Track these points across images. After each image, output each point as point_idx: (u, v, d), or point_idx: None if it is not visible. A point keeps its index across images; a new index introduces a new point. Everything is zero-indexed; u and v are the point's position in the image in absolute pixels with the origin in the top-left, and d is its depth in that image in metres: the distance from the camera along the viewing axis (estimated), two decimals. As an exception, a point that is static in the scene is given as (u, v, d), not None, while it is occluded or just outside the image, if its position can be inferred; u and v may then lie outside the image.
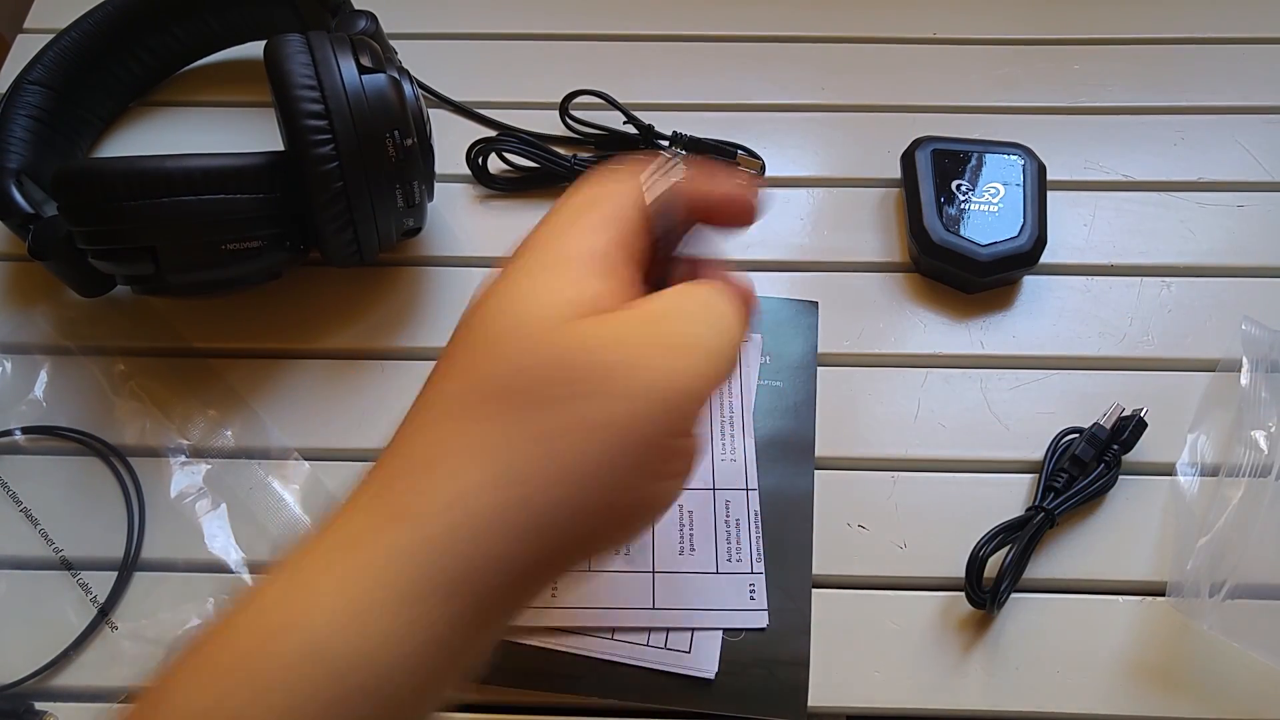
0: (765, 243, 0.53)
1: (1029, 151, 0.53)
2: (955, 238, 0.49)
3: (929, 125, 0.55)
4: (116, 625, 0.43)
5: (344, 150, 0.42)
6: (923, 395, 0.48)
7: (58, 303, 0.51)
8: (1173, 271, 0.52)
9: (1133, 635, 0.42)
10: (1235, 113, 0.57)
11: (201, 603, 0.43)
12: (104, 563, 0.44)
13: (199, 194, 0.42)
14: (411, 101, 0.45)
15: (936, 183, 0.51)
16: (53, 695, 0.41)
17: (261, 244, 0.44)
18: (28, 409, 0.48)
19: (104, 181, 0.41)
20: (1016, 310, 0.51)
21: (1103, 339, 0.50)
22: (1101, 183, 0.55)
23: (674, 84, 0.59)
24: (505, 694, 0.41)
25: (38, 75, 0.52)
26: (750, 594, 0.42)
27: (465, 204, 0.55)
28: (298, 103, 0.42)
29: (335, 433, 0.47)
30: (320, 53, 0.43)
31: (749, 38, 0.61)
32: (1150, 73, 0.59)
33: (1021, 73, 0.59)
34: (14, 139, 0.49)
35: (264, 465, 0.46)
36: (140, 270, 0.43)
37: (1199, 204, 0.54)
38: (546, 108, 0.57)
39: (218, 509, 0.45)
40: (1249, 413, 0.45)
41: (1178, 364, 0.49)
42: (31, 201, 0.47)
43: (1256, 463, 0.43)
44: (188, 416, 0.48)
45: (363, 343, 0.50)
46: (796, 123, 0.58)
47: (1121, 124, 0.57)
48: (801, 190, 0.55)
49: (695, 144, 0.54)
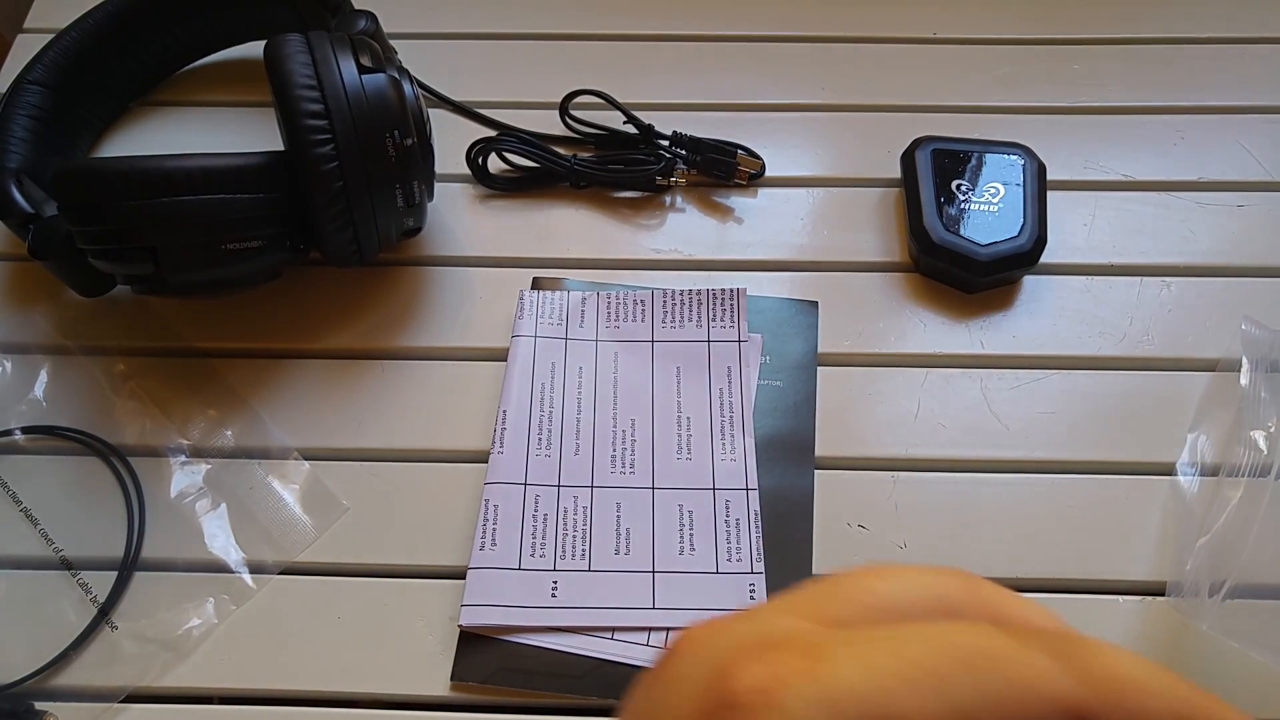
0: (765, 243, 0.53)
1: (1029, 151, 0.53)
2: (955, 237, 0.49)
3: (929, 125, 0.55)
4: (116, 625, 0.43)
5: (344, 150, 0.42)
6: (923, 395, 0.48)
7: (58, 302, 0.51)
8: (1173, 271, 0.52)
9: (1133, 635, 0.42)
10: (1235, 112, 0.57)
11: (201, 602, 0.43)
12: (104, 562, 0.44)
13: (199, 194, 0.42)
14: (411, 101, 0.45)
15: (936, 182, 0.51)
16: (53, 695, 0.41)
17: (261, 244, 0.44)
18: (28, 409, 0.48)
19: (104, 181, 0.41)
20: (1016, 310, 0.51)
21: (1103, 339, 0.50)
22: (1101, 182, 0.55)
23: (674, 84, 0.59)
24: (505, 694, 0.41)
25: (38, 75, 0.52)
26: (750, 594, 0.42)
27: (465, 204, 0.55)
28: (298, 102, 0.42)
29: (335, 432, 0.47)
30: (320, 52, 0.43)
31: (749, 38, 0.61)
32: (1150, 72, 0.59)
33: (1021, 72, 0.59)
34: (14, 139, 0.49)
35: (264, 465, 0.46)
36: (140, 270, 0.43)
37: (1199, 204, 0.54)
38: (546, 107, 0.57)
39: (218, 509, 0.45)
40: (1249, 413, 0.45)
41: (1178, 364, 0.49)
42: (31, 201, 0.47)
43: (1256, 463, 0.43)
44: (188, 416, 0.48)
45: (362, 342, 0.50)
46: (796, 123, 0.58)
47: (1121, 124, 0.57)
48: (801, 190, 0.55)
49: (695, 144, 0.54)
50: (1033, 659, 0.13)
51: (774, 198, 0.55)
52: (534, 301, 0.50)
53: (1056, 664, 0.13)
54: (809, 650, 0.13)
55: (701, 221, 0.54)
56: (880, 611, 0.15)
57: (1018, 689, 0.12)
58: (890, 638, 0.13)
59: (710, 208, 0.54)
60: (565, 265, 0.52)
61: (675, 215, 0.54)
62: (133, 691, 0.41)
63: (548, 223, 0.54)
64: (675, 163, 0.54)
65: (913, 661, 0.12)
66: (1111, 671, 0.13)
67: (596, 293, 0.50)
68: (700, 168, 0.54)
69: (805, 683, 0.12)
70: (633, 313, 0.50)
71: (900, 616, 0.15)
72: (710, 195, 0.55)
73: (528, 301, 0.50)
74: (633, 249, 0.53)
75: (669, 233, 0.53)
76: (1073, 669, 0.13)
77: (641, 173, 0.53)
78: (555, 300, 0.50)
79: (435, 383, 0.49)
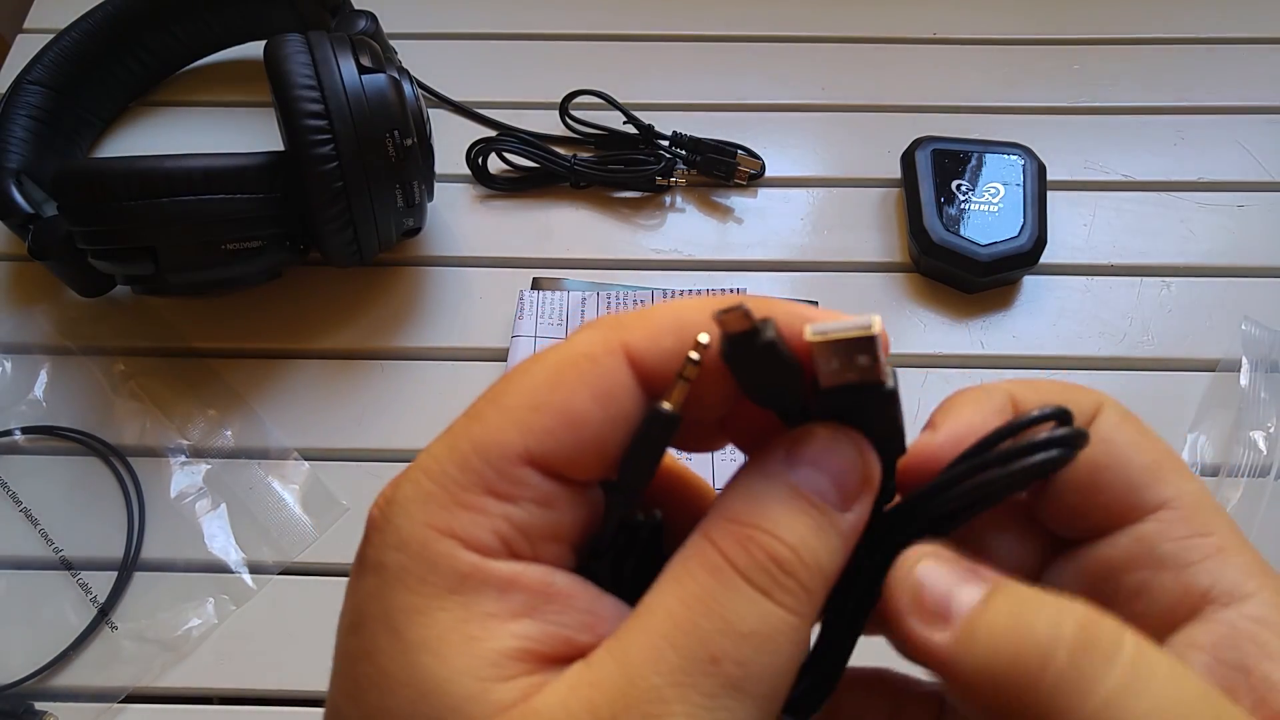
0: (765, 243, 0.53)
1: (1029, 151, 0.53)
2: (955, 238, 0.49)
3: (929, 125, 0.55)
4: (116, 625, 0.43)
5: (344, 150, 0.42)
6: (923, 395, 0.48)
7: (58, 303, 0.51)
8: (1173, 271, 0.52)
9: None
10: (1236, 113, 0.57)
11: (201, 603, 0.43)
12: (104, 562, 0.44)
13: (199, 194, 0.42)
14: (411, 101, 0.45)
15: (936, 183, 0.51)
16: (52, 695, 0.41)
17: (261, 244, 0.44)
18: (28, 409, 0.48)
19: (104, 181, 0.41)
20: (1016, 310, 0.51)
21: (1103, 339, 0.50)
22: (1102, 183, 0.55)
23: (674, 84, 0.59)
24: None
25: (38, 75, 0.52)
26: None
27: (465, 204, 0.55)
28: (298, 103, 0.42)
29: (335, 432, 0.47)
30: (320, 52, 0.43)
31: (749, 38, 0.61)
32: (1151, 72, 0.59)
33: (1021, 72, 0.59)
34: (14, 139, 0.49)
35: (263, 465, 0.46)
36: (140, 270, 0.43)
37: (1199, 204, 0.54)
38: (546, 107, 0.57)
39: (217, 509, 0.45)
40: (1248, 413, 0.45)
41: (1178, 364, 0.49)
42: (31, 201, 0.47)
43: (1256, 463, 0.43)
44: (187, 416, 0.48)
45: (362, 342, 0.50)
46: (796, 123, 0.58)
47: (1122, 124, 0.57)
48: (801, 190, 0.55)
49: (695, 144, 0.54)
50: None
51: (774, 198, 0.55)
52: (534, 301, 0.50)
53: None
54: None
55: (701, 221, 0.54)
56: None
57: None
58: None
59: (710, 208, 0.54)
60: (565, 265, 0.52)
61: (675, 215, 0.54)
62: (132, 692, 0.41)
63: (548, 223, 0.54)
64: (675, 163, 0.54)
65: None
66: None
67: (596, 293, 0.50)
68: (700, 168, 0.54)
69: (631, 310, 0.17)
70: (633, 313, 0.50)
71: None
72: (710, 195, 0.55)
73: (528, 301, 0.50)
74: (633, 249, 0.53)
75: (669, 233, 0.53)
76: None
77: (641, 173, 0.53)
78: (555, 300, 0.50)
79: (435, 383, 0.49)
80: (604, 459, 0.17)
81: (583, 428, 0.16)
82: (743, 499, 0.16)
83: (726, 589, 0.15)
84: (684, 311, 0.17)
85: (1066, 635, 0.14)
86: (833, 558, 0.16)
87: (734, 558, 0.15)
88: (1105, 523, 0.18)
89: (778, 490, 0.16)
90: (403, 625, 0.15)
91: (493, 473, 0.16)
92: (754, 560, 0.15)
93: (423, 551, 0.16)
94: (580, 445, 0.16)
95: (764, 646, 0.15)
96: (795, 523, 0.16)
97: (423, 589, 0.16)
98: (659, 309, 0.17)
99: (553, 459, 0.16)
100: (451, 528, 0.16)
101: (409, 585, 0.16)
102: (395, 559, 0.16)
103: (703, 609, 0.15)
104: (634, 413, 0.17)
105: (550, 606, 0.16)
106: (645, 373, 0.17)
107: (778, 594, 0.15)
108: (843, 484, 0.16)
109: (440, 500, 0.16)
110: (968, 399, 0.19)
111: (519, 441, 0.16)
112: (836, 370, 0.16)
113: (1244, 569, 0.17)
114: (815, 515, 0.16)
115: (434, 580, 0.15)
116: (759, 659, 0.15)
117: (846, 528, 0.16)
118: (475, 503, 0.16)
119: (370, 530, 0.17)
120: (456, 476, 0.16)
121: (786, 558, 0.16)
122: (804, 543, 0.16)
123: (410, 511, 0.16)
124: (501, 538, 0.16)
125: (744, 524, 0.16)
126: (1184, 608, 0.17)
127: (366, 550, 0.16)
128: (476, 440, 0.16)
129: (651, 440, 0.17)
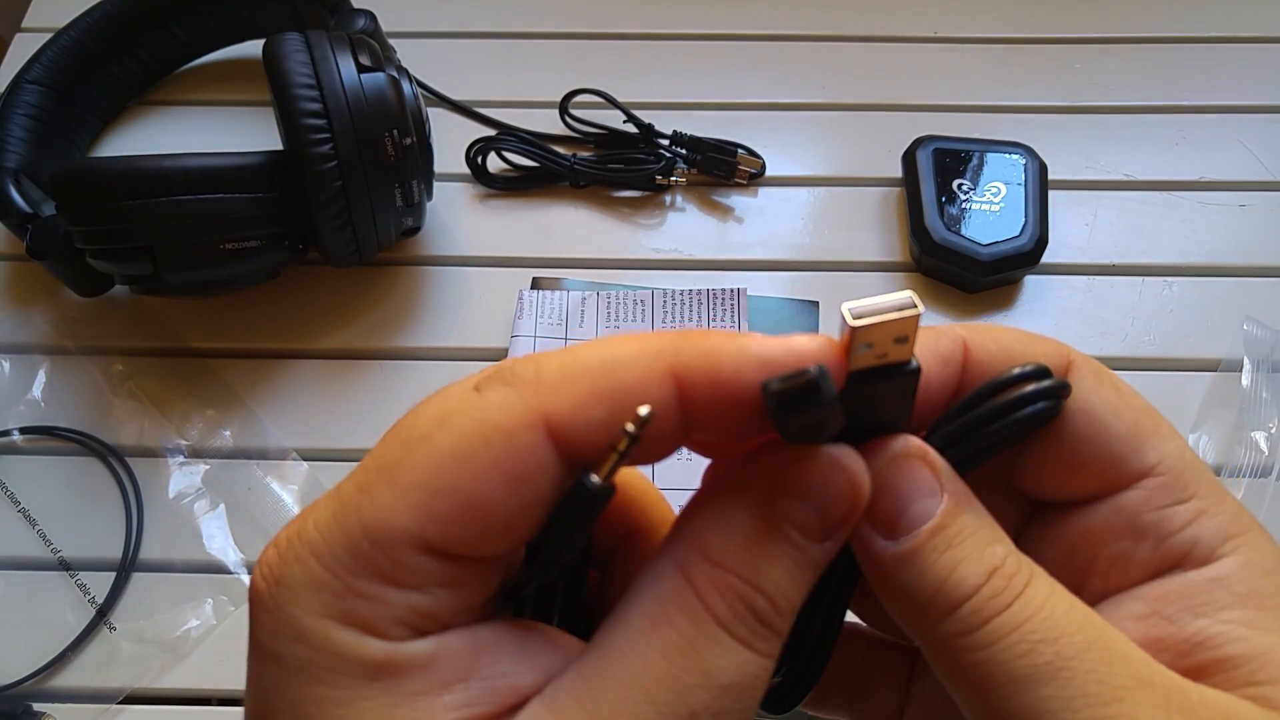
0: (765, 243, 0.53)
1: (1030, 151, 0.52)
2: (956, 237, 0.49)
3: (930, 124, 0.55)
4: (115, 626, 0.42)
5: (343, 149, 0.42)
6: (923, 395, 0.48)
7: (56, 302, 0.51)
8: (1174, 271, 0.51)
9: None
10: (1237, 112, 0.57)
11: (200, 603, 0.43)
12: (102, 563, 0.44)
13: (198, 194, 0.42)
14: (410, 100, 0.44)
15: (938, 182, 0.51)
16: (51, 696, 0.41)
17: (260, 243, 0.44)
18: (26, 409, 0.48)
19: (102, 181, 0.41)
20: (1018, 310, 0.50)
21: (1104, 339, 0.49)
22: (1103, 182, 0.55)
23: (674, 83, 0.59)
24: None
25: (36, 74, 0.52)
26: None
27: (464, 203, 0.54)
28: (296, 102, 0.42)
29: (333, 433, 0.47)
30: (319, 52, 0.43)
31: (749, 37, 0.61)
32: (1152, 72, 0.59)
33: (1023, 71, 0.59)
34: (12, 138, 0.49)
35: (262, 465, 0.46)
36: (139, 270, 0.43)
37: (1201, 203, 0.54)
38: (546, 107, 0.57)
39: (216, 509, 0.45)
40: (1250, 413, 0.45)
41: (1179, 364, 0.49)
42: (30, 201, 0.47)
43: (1257, 463, 0.43)
44: (186, 416, 0.48)
45: (361, 343, 0.50)
46: (797, 122, 0.57)
47: (1123, 123, 0.57)
48: (802, 190, 0.55)
49: (695, 143, 0.54)
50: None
51: (774, 197, 0.54)
52: (534, 301, 0.50)
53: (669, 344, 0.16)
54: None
55: (701, 221, 0.54)
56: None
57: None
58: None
59: (710, 207, 0.54)
60: (565, 265, 0.52)
61: (675, 215, 0.54)
62: (131, 692, 0.41)
63: (547, 222, 0.54)
64: (675, 162, 0.53)
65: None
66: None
67: (596, 293, 0.50)
68: (700, 167, 0.54)
69: (554, 356, 0.15)
70: (632, 313, 0.50)
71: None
72: (710, 195, 0.55)
73: (527, 301, 0.50)
74: (633, 249, 0.53)
75: (669, 232, 0.53)
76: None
77: (641, 172, 0.53)
78: (555, 300, 0.50)
79: (435, 383, 0.48)
80: (518, 536, 0.15)
81: (491, 513, 0.15)
82: (721, 533, 0.15)
83: (708, 640, 0.15)
84: (616, 371, 0.15)
85: (976, 588, 0.16)
86: (805, 591, 0.16)
87: (715, 607, 0.15)
88: (1086, 494, 0.18)
89: (761, 527, 0.15)
90: (318, 718, 0.14)
91: (387, 561, 0.14)
92: (735, 612, 0.15)
93: (326, 644, 0.14)
94: (488, 532, 0.15)
95: (741, 696, 0.15)
96: (776, 567, 0.15)
97: (338, 680, 0.14)
98: (586, 361, 0.15)
99: (455, 546, 0.15)
100: (351, 617, 0.14)
101: (318, 678, 0.14)
102: (296, 651, 0.14)
103: (682, 661, 0.14)
104: (553, 492, 0.15)
105: (479, 663, 0.15)
106: (570, 448, 0.15)
107: (757, 643, 0.15)
108: (828, 516, 0.16)
109: (333, 589, 0.14)
110: (920, 338, 0.18)
111: (415, 528, 0.14)
112: (869, 353, 0.15)
113: (1220, 531, 0.17)
114: (794, 555, 0.15)
115: (348, 671, 0.14)
116: (733, 708, 0.15)
117: (822, 557, 0.16)
118: (372, 592, 0.14)
119: (259, 611, 0.15)
120: (347, 562, 0.14)
121: (764, 609, 0.15)
122: (781, 590, 0.15)
123: (302, 599, 0.14)
124: (407, 624, 0.15)
125: (726, 569, 0.15)
126: (1160, 575, 0.17)
127: (260, 635, 0.15)
128: (368, 522, 0.14)
129: (578, 515, 0.15)
